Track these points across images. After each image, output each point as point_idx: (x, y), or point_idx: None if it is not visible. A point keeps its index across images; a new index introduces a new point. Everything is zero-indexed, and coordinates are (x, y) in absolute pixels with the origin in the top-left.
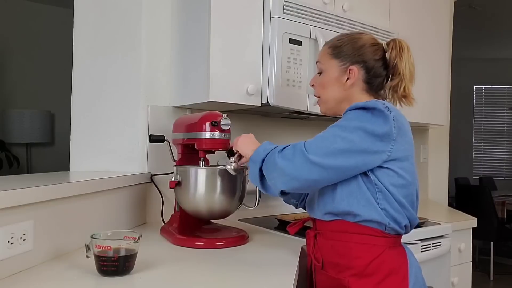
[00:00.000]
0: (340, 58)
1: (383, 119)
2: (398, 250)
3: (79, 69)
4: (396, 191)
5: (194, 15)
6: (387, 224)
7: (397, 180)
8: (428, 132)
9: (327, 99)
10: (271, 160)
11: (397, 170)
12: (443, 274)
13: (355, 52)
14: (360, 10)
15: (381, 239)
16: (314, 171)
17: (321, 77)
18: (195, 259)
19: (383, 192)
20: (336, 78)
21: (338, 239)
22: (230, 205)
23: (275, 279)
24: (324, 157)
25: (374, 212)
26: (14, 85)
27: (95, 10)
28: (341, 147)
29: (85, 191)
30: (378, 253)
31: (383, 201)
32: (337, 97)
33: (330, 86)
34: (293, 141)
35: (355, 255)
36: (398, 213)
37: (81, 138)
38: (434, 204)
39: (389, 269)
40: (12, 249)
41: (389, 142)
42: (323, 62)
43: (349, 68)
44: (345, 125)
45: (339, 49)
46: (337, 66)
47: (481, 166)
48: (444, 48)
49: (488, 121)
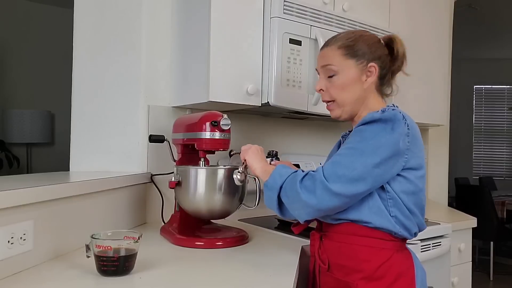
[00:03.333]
0: (357, 57)
1: (399, 133)
2: (405, 253)
3: (79, 69)
4: (407, 198)
5: (194, 15)
6: (397, 232)
7: (409, 187)
8: (428, 132)
9: (345, 102)
10: (292, 190)
11: (409, 177)
12: (443, 274)
13: (370, 49)
14: (360, 10)
15: (390, 242)
16: (336, 200)
17: (336, 79)
18: (195, 259)
19: (394, 199)
20: (356, 78)
21: (346, 241)
22: (230, 205)
23: (275, 279)
24: (346, 186)
25: (385, 220)
26: (14, 85)
27: (95, 10)
28: (360, 174)
29: (85, 191)
30: (387, 257)
31: (393, 208)
32: (356, 98)
33: (350, 87)
34: (293, 141)
35: (363, 258)
36: (408, 220)
37: (81, 138)
38: (434, 204)
39: (397, 273)
40: (12, 249)
41: (404, 153)
42: (336, 64)
43: (369, 66)
44: (363, 148)
45: (353, 48)
46: (354, 65)
47: (481, 166)
48: (444, 48)
49: (488, 121)
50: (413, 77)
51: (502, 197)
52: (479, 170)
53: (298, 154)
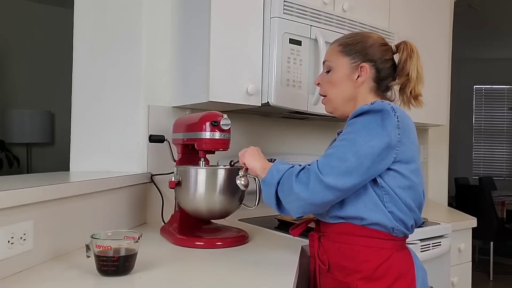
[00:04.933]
0: (351, 56)
1: (389, 124)
2: (404, 253)
3: (79, 69)
4: (403, 193)
5: (194, 15)
6: (394, 227)
7: (404, 182)
8: (428, 132)
9: (334, 98)
10: (287, 184)
11: (403, 172)
12: (443, 274)
13: (366, 50)
14: (360, 10)
15: (389, 242)
16: (329, 193)
17: (330, 75)
18: (195, 259)
19: (390, 195)
20: (347, 75)
21: (345, 241)
22: (230, 205)
23: (275, 279)
24: (339, 178)
25: (381, 215)
26: (14, 85)
27: (95, 10)
28: (353, 165)
29: (85, 191)
30: (386, 257)
31: (390, 204)
32: (345, 96)
33: (340, 84)
34: (293, 141)
35: (363, 259)
36: (405, 215)
37: (81, 138)
38: (434, 204)
39: (397, 273)
40: (12, 249)
41: (395, 145)
42: (332, 60)
43: (361, 66)
44: (354, 138)
45: (350, 47)
46: (348, 63)
47: (481, 166)
48: (444, 48)
49: (488, 121)
50: None
51: (502, 197)
52: (479, 170)
53: (298, 154)
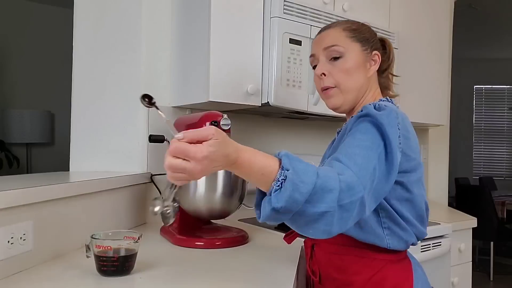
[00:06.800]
0: (362, 42)
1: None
2: (402, 264)
3: (79, 69)
4: (401, 206)
5: (194, 15)
6: (386, 247)
7: (401, 193)
8: (428, 132)
9: (350, 88)
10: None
11: (402, 181)
12: (443, 274)
13: (373, 38)
14: (360, 10)
15: (382, 254)
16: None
17: (342, 62)
18: (195, 259)
19: (385, 210)
20: (361, 63)
21: (336, 251)
22: (230, 205)
23: (275, 279)
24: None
25: (370, 235)
26: (14, 85)
27: (95, 10)
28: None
29: (85, 191)
30: (378, 268)
31: (386, 219)
32: (359, 86)
33: (356, 72)
34: (293, 141)
35: (354, 271)
36: (404, 231)
37: (81, 138)
38: (434, 204)
39: (392, 286)
40: (12, 249)
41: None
42: (343, 45)
43: (374, 53)
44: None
45: (358, 32)
46: (360, 50)
47: (481, 166)
48: (444, 48)
49: (488, 121)
50: (413, 77)
51: (502, 197)
52: (479, 170)
53: (298, 154)
